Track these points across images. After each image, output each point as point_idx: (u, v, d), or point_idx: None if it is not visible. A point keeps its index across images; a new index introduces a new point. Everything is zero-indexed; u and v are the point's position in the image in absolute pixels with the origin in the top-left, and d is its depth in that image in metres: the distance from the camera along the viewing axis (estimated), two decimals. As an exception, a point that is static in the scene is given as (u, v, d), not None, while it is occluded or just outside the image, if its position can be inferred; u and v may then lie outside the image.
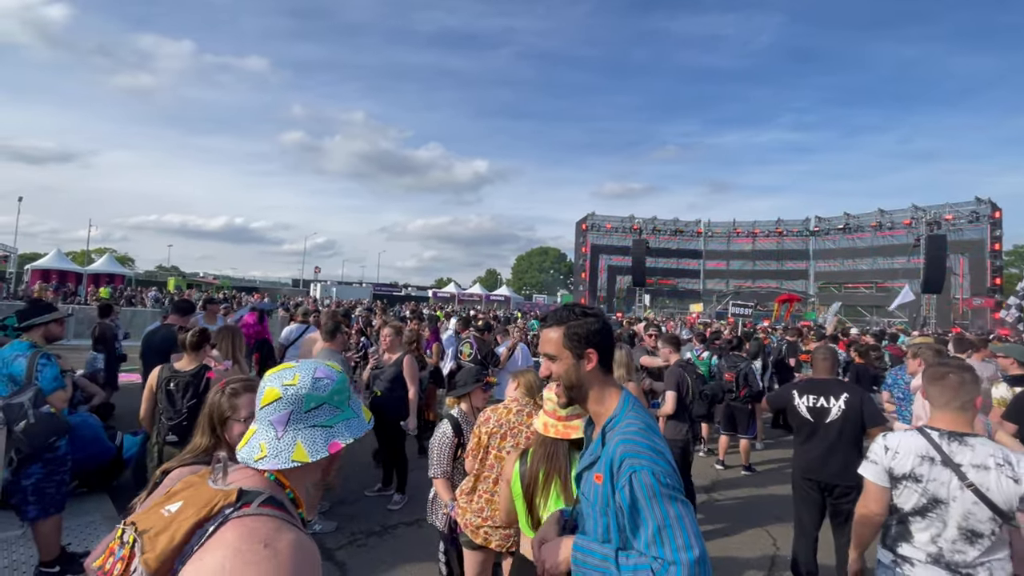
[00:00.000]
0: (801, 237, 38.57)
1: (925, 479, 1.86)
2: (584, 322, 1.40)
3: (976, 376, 1.92)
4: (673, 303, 38.09)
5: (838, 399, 3.32)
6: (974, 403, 1.89)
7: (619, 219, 40.33)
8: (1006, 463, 1.74)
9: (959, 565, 1.78)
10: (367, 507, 4.54)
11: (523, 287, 74.80)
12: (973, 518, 1.76)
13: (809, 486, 3.38)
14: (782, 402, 3.52)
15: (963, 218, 30.96)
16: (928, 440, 1.89)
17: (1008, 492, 1.70)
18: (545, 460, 1.91)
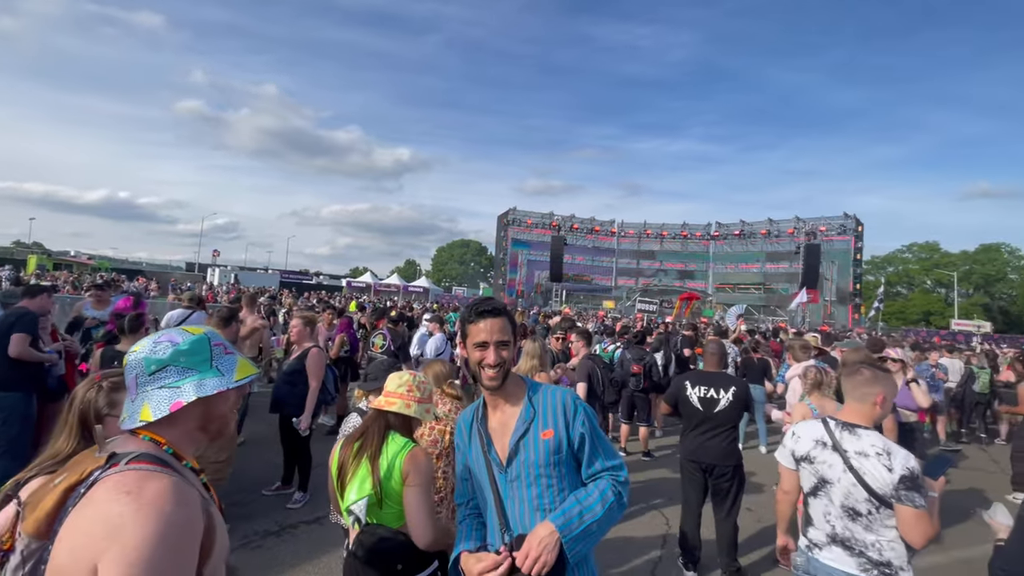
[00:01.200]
0: (703, 240, 41.78)
1: (817, 461, 2.08)
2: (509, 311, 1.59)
3: (877, 376, 2.11)
4: (587, 299, 39.67)
5: (727, 391, 3.64)
6: (874, 399, 2.08)
7: (539, 215, 41.17)
8: (885, 453, 1.95)
9: (850, 541, 1.97)
10: (264, 506, 4.26)
11: (443, 279, 74.08)
12: (852, 498, 1.97)
13: (694, 468, 3.69)
14: (676, 393, 3.78)
15: (833, 230, 35.24)
16: (826, 428, 2.11)
17: (882, 478, 1.91)
18: (363, 436, 1.87)
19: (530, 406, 1.53)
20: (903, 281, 54.60)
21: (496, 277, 40.02)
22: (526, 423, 1.51)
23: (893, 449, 1.95)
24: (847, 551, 1.97)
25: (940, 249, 53.39)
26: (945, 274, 47.41)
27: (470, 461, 1.61)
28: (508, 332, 1.53)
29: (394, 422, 1.89)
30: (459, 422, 1.67)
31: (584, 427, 1.50)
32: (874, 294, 30.94)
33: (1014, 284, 48.92)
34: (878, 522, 1.93)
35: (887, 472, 1.90)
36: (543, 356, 4.57)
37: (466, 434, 1.63)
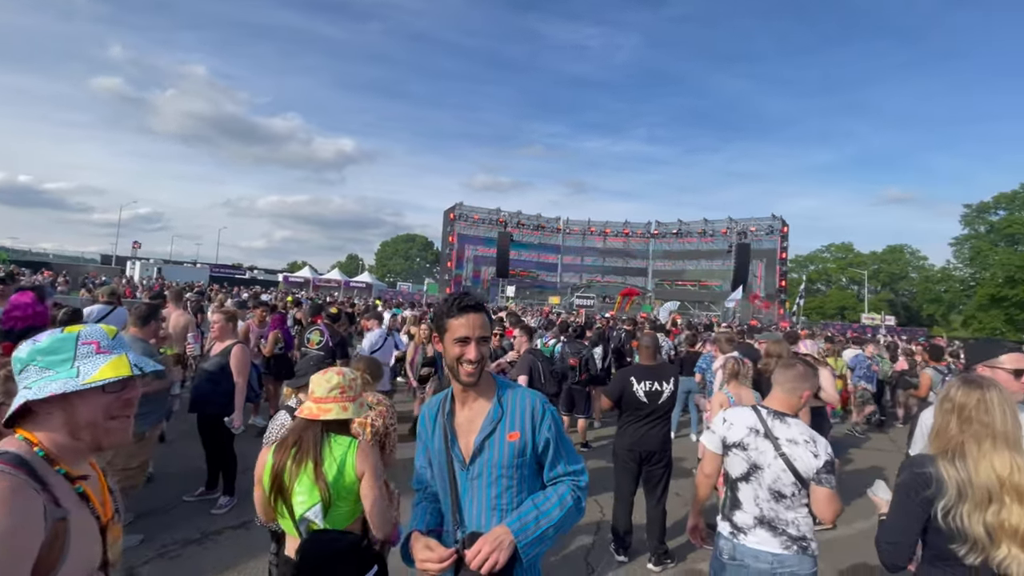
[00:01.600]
0: (643, 239, 43.36)
1: (750, 448, 2.17)
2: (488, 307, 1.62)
3: (808, 373, 2.26)
4: (533, 294, 40.16)
5: (669, 383, 3.84)
6: (801, 393, 2.22)
7: (486, 211, 41.21)
8: (812, 441, 2.10)
9: (775, 521, 2.11)
10: (185, 514, 4.02)
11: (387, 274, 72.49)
12: (780, 482, 2.10)
13: (631, 457, 3.84)
14: (620, 388, 3.90)
15: (762, 231, 37.63)
16: (758, 416, 2.21)
17: (808, 464, 2.06)
18: (298, 444, 1.84)
19: (499, 406, 1.53)
20: (822, 279, 59.15)
21: (442, 272, 39.66)
22: (493, 423, 1.51)
23: (817, 437, 2.11)
24: (771, 531, 2.10)
25: (854, 249, 58.28)
26: (857, 272, 51.84)
27: (431, 453, 1.61)
28: (488, 328, 1.53)
29: (331, 426, 1.87)
30: (423, 412, 1.66)
31: (551, 432, 1.53)
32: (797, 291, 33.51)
33: (914, 282, 54.22)
34: (797, 501, 2.09)
35: (813, 458, 2.05)
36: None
37: (430, 426, 1.62)
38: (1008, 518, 1.47)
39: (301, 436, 1.84)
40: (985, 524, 1.50)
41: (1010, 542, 1.46)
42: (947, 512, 1.55)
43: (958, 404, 1.64)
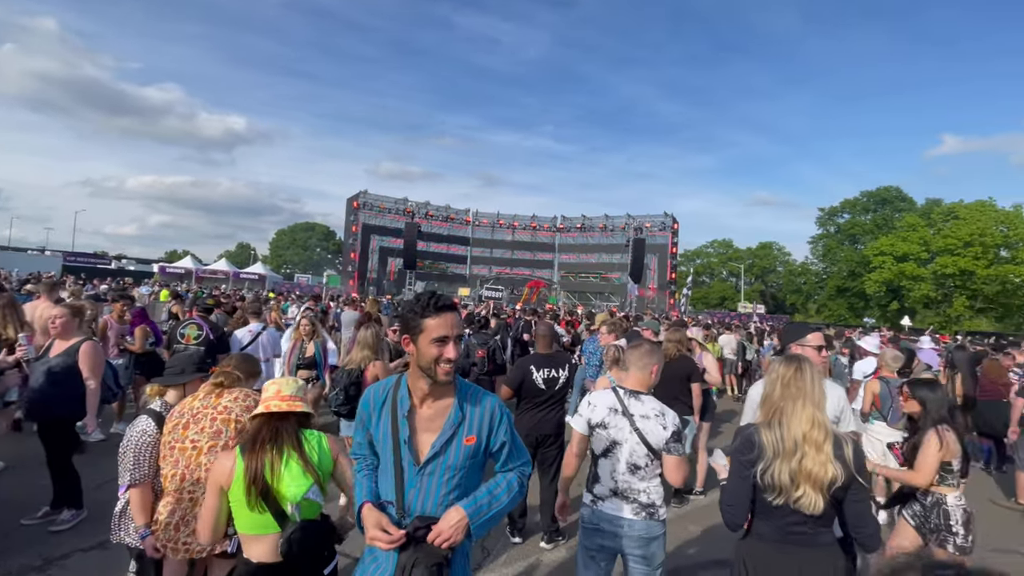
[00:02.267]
0: (550, 232, 44.72)
1: (610, 426, 2.35)
2: None
3: (654, 350, 2.48)
4: (442, 287, 39.80)
5: (564, 369, 4.03)
6: (651, 368, 2.44)
7: (393, 200, 39.91)
8: (661, 414, 2.32)
9: (627, 492, 2.31)
10: (26, 538, 3.48)
11: (283, 265, 67.73)
12: (635, 455, 2.30)
13: (528, 442, 3.96)
14: (520, 376, 4.02)
15: (656, 227, 40.53)
16: (616, 396, 2.40)
17: (658, 436, 2.28)
18: (275, 438, 1.85)
19: (459, 410, 1.59)
20: (706, 272, 65.15)
21: (345, 264, 37.84)
22: (453, 427, 1.56)
23: (666, 411, 2.34)
24: (624, 500, 2.32)
25: (733, 245, 64.84)
26: (735, 266, 57.84)
27: (374, 436, 1.64)
28: (463, 326, 1.61)
29: (301, 419, 1.97)
30: (368, 394, 1.69)
31: (506, 435, 1.65)
32: (685, 283, 36.79)
33: (781, 275, 61.65)
34: (650, 472, 2.32)
35: (662, 430, 2.28)
36: (376, 345, 4.48)
37: (376, 411, 1.64)
38: (806, 464, 1.78)
39: (278, 430, 1.87)
40: (790, 471, 1.79)
41: (806, 483, 1.77)
42: (764, 471, 1.82)
43: (781, 375, 1.93)
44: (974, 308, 35.89)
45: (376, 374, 4.40)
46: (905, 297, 37.49)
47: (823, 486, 1.77)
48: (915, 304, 37.15)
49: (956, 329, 31.87)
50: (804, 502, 1.77)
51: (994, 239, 34.31)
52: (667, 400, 5.06)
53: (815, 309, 51.50)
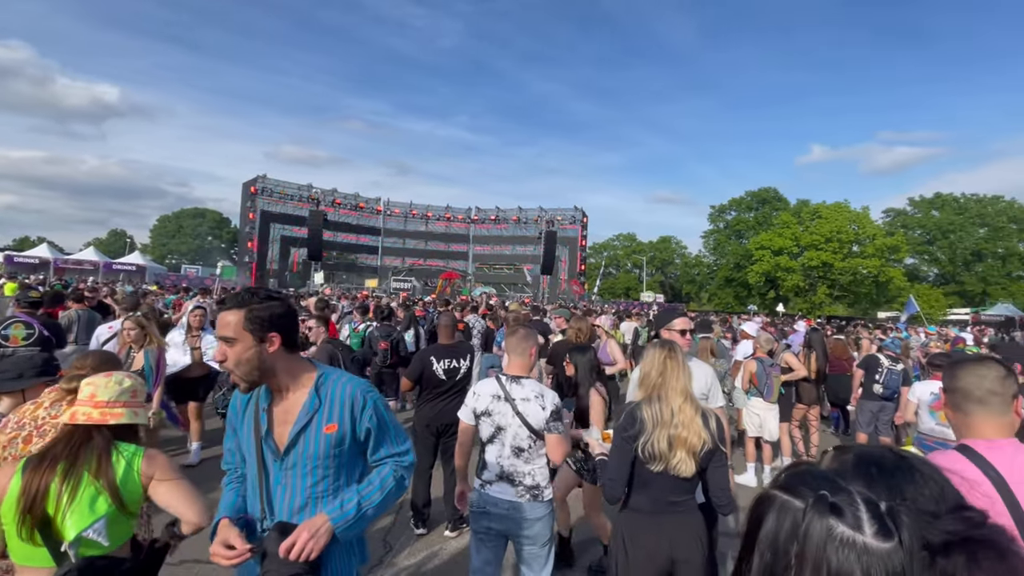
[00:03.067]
0: (464, 224, 44.58)
1: (495, 413, 2.42)
2: (267, 305, 1.48)
3: (530, 334, 2.57)
4: (351, 278, 38.18)
5: (466, 359, 4.04)
6: (529, 351, 2.53)
7: (296, 186, 37.37)
8: (540, 396, 2.40)
9: (512, 475, 2.39)
10: None
11: (168, 255, 61.10)
12: (518, 438, 2.38)
13: (429, 432, 3.98)
14: (420, 368, 3.97)
15: (567, 220, 41.96)
16: (499, 383, 2.46)
17: (539, 417, 2.35)
18: (69, 457, 1.54)
19: (316, 396, 1.51)
20: (613, 263, 68.75)
21: (241, 254, 34.90)
22: (309, 414, 1.49)
23: (545, 392, 2.44)
24: (509, 483, 2.40)
25: (637, 239, 68.95)
26: (638, 259, 61.60)
27: (240, 440, 1.58)
28: (234, 327, 1.44)
29: (118, 432, 1.66)
30: (234, 398, 1.63)
31: (372, 421, 1.54)
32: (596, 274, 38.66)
33: (678, 267, 66.72)
34: (534, 453, 2.40)
35: (541, 411, 2.37)
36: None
37: (240, 415, 1.59)
38: (681, 432, 1.98)
39: (79, 447, 1.56)
40: (668, 438, 1.98)
41: (681, 449, 1.98)
42: (646, 442, 2.00)
43: (657, 357, 2.13)
44: (833, 296, 41.47)
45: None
46: (780, 286, 42.28)
47: (695, 452, 1.98)
48: (788, 292, 42.05)
49: (819, 314, 36.61)
50: (680, 467, 1.97)
51: (848, 236, 39.79)
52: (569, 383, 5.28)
53: (707, 298, 56.41)
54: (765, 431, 5.48)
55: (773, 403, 5.52)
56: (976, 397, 1.40)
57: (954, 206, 47.09)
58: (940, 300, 40.62)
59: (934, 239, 47.07)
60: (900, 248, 40.41)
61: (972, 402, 1.41)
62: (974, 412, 1.41)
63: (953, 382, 1.47)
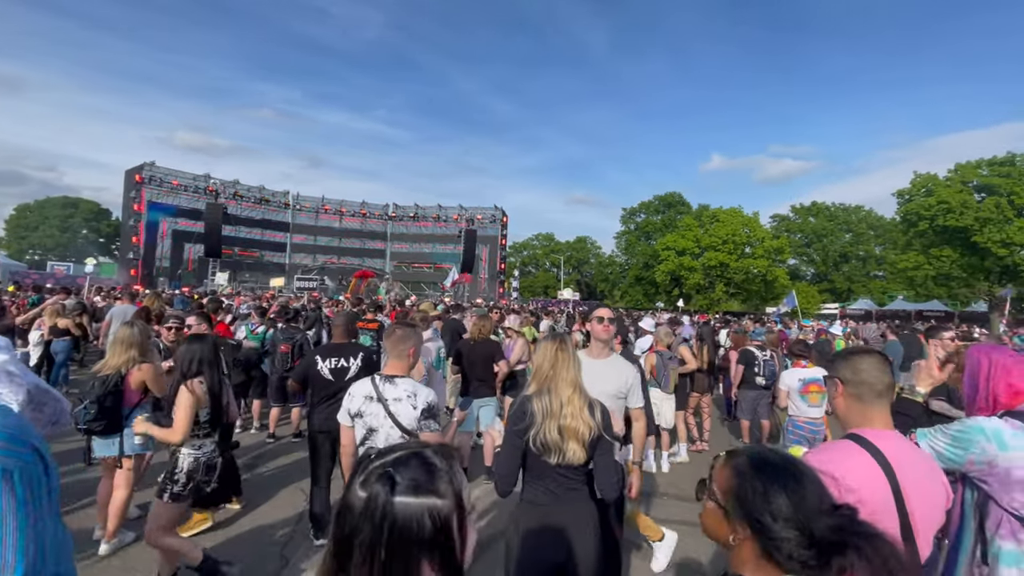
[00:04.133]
0: (381, 220, 43.21)
1: (367, 414, 2.35)
2: None
3: (407, 333, 2.51)
4: (256, 276, 35.55)
5: (356, 358, 3.82)
6: (407, 351, 2.47)
7: (191, 176, 34.00)
8: (413, 395, 2.34)
9: None
10: None
11: (29, 249, 53.24)
12: (391, 439, 2.33)
13: (324, 438, 3.76)
14: (305, 368, 3.74)
15: (487, 219, 42.12)
16: (373, 384, 2.39)
17: (410, 416, 2.31)
18: None
19: None
20: (532, 263, 70.10)
21: (124, 249, 31.19)
22: None
23: (419, 390, 2.39)
24: None
25: (555, 239, 70.81)
26: (556, 258, 63.40)
27: None
28: None
29: None
30: None
31: None
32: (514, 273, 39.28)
33: (593, 266, 69.51)
34: None
35: (412, 410, 2.33)
36: (144, 344, 3.79)
37: None
38: (570, 422, 2.04)
39: None
40: (559, 428, 2.03)
41: (571, 438, 2.03)
42: (536, 434, 2.03)
43: (548, 350, 2.17)
44: (729, 293, 45.38)
45: (144, 379, 3.73)
46: (683, 284, 45.50)
47: (584, 440, 2.04)
48: (691, 290, 45.36)
49: (717, 310, 39.92)
50: (571, 455, 2.02)
51: (741, 239, 43.75)
52: (474, 380, 5.28)
53: (619, 295, 59.33)
54: (662, 419, 5.85)
55: (669, 393, 5.91)
56: (877, 391, 1.51)
57: (826, 214, 53.53)
58: (815, 296, 45.93)
59: (811, 242, 53.20)
60: (784, 250, 45.10)
61: (875, 395, 1.51)
62: (874, 404, 1.51)
63: (857, 375, 1.54)
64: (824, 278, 52.50)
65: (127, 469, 3.62)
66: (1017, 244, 29.41)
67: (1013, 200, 29.73)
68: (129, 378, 3.66)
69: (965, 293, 34.09)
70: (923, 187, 33.61)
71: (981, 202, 31.02)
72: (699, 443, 6.79)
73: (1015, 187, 29.80)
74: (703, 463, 6.19)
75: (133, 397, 3.70)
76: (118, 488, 3.62)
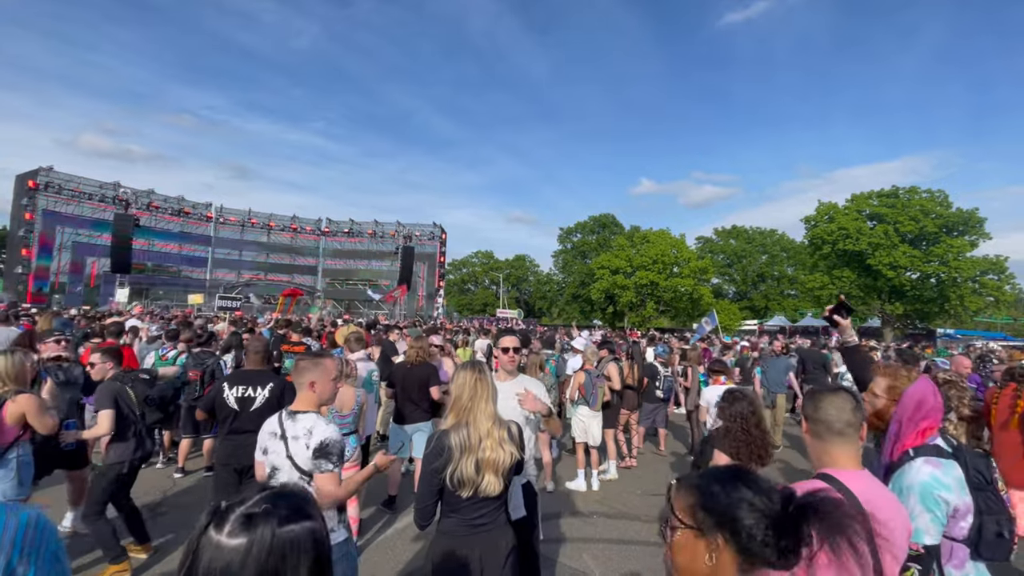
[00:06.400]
0: (314, 236, 41.56)
1: (270, 451, 2.20)
2: None
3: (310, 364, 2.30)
4: (172, 293, 32.89)
5: (264, 388, 3.58)
6: (307, 383, 2.27)
7: (96, 184, 31.07)
8: (308, 433, 2.17)
9: None
10: None
11: None
12: (292, 478, 2.15)
13: (228, 472, 3.50)
14: (212, 396, 3.49)
15: (425, 236, 41.70)
16: (279, 419, 2.24)
17: (304, 456, 2.15)
18: None
19: None
20: (472, 280, 70.03)
21: (11, 263, 27.83)
22: None
23: (315, 427, 2.21)
24: None
25: (494, 256, 71.21)
26: (496, 275, 63.74)
27: None
28: None
29: None
30: None
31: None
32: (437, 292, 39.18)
33: (532, 284, 70.53)
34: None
35: (305, 449, 2.17)
36: (24, 374, 3.39)
37: None
38: (488, 455, 2.01)
39: None
40: (476, 462, 1.99)
41: (488, 471, 2.01)
42: (453, 471, 1.99)
43: (467, 380, 2.14)
44: (659, 310, 47.55)
45: (21, 411, 3.31)
46: (617, 301, 47.15)
47: (503, 471, 2.03)
48: (624, 307, 47.05)
49: (648, 326, 41.64)
50: (487, 488, 1.99)
51: (669, 259, 46.18)
52: (408, 404, 5.13)
53: (557, 312, 60.49)
54: (590, 436, 5.96)
55: (597, 411, 6.04)
56: (836, 429, 1.53)
57: (745, 236, 57.78)
58: (736, 314, 49.15)
59: (732, 263, 57.08)
60: (708, 270, 48.02)
61: (833, 433, 1.53)
62: (834, 442, 1.53)
63: (816, 413, 1.57)
64: (744, 296, 56.38)
65: None
66: (901, 267, 33.21)
67: (898, 227, 33.64)
68: (3, 412, 3.23)
69: (862, 310, 37.84)
70: (826, 214, 37.28)
71: (873, 229, 34.85)
72: (628, 459, 6.98)
73: (899, 216, 33.78)
74: (633, 480, 6.36)
75: (8, 435, 3.27)
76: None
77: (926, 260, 32.87)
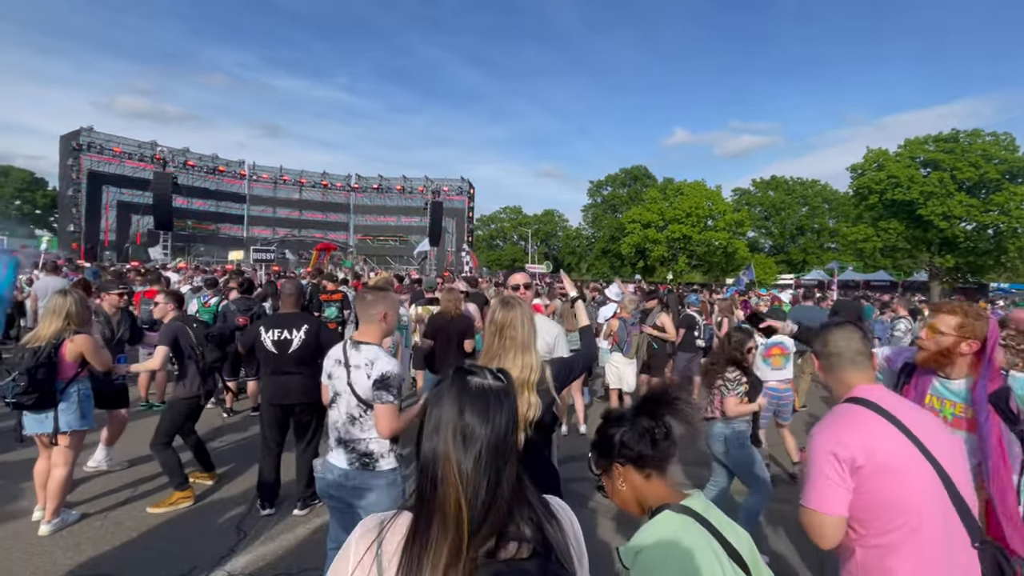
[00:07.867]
0: (344, 192, 41.89)
1: (334, 377, 2.32)
2: None
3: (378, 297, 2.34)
4: (212, 250, 34.06)
5: (300, 331, 3.64)
6: (379, 316, 2.32)
7: (135, 143, 31.85)
8: (370, 363, 2.23)
9: (348, 442, 2.29)
10: None
11: (-45, 222, 49.21)
12: (350, 405, 2.27)
13: (275, 410, 3.66)
14: (251, 337, 3.61)
15: (454, 191, 41.43)
16: (343, 348, 2.34)
17: (364, 385, 2.23)
18: None
19: None
20: (500, 236, 69.81)
21: (64, 221, 29.22)
22: None
23: (378, 358, 2.26)
24: (344, 448, 2.31)
25: (523, 212, 70.48)
26: (524, 231, 63.25)
27: None
28: None
29: None
30: None
31: None
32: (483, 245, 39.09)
33: (560, 239, 69.80)
34: (368, 422, 2.28)
35: (367, 379, 2.23)
36: (81, 314, 3.57)
37: None
38: (519, 407, 1.94)
39: None
40: None
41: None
42: None
43: (499, 323, 2.00)
44: (691, 264, 46.54)
45: (80, 351, 3.50)
46: (648, 256, 46.32)
47: (528, 424, 1.91)
48: (655, 262, 46.23)
49: (680, 281, 40.93)
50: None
51: (704, 212, 44.63)
52: (446, 355, 5.21)
53: (586, 268, 60.02)
54: (624, 383, 5.97)
55: (631, 358, 6.02)
56: (848, 358, 1.61)
57: (785, 188, 55.06)
58: (772, 268, 47.62)
59: (770, 215, 54.80)
60: (744, 223, 46.31)
61: (846, 361, 1.61)
62: (847, 371, 1.61)
63: (826, 348, 1.66)
64: (781, 250, 54.38)
65: (64, 446, 3.42)
66: (956, 217, 31.12)
67: (955, 175, 31.30)
68: (63, 349, 3.43)
69: (908, 264, 36.03)
70: (875, 162, 34.92)
71: (927, 176, 32.54)
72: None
73: (957, 163, 31.34)
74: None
75: (68, 370, 3.48)
76: (56, 467, 3.43)
77: (984, 209, 30.65)
